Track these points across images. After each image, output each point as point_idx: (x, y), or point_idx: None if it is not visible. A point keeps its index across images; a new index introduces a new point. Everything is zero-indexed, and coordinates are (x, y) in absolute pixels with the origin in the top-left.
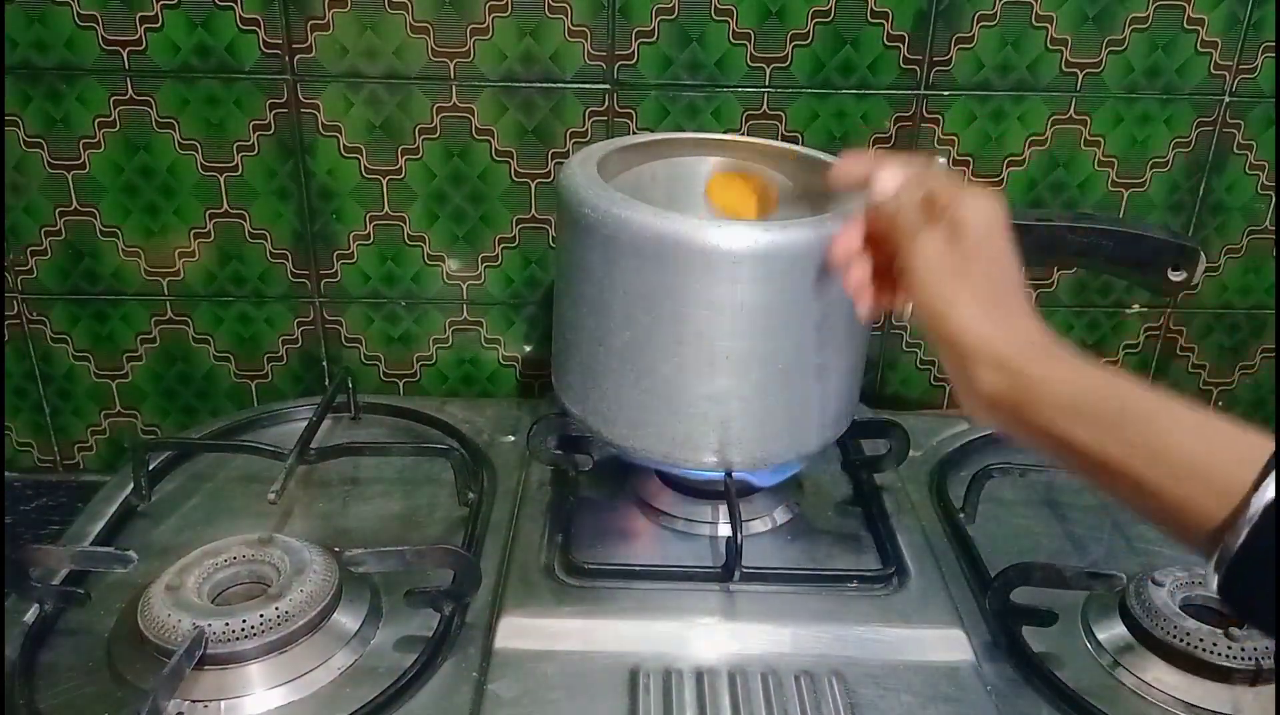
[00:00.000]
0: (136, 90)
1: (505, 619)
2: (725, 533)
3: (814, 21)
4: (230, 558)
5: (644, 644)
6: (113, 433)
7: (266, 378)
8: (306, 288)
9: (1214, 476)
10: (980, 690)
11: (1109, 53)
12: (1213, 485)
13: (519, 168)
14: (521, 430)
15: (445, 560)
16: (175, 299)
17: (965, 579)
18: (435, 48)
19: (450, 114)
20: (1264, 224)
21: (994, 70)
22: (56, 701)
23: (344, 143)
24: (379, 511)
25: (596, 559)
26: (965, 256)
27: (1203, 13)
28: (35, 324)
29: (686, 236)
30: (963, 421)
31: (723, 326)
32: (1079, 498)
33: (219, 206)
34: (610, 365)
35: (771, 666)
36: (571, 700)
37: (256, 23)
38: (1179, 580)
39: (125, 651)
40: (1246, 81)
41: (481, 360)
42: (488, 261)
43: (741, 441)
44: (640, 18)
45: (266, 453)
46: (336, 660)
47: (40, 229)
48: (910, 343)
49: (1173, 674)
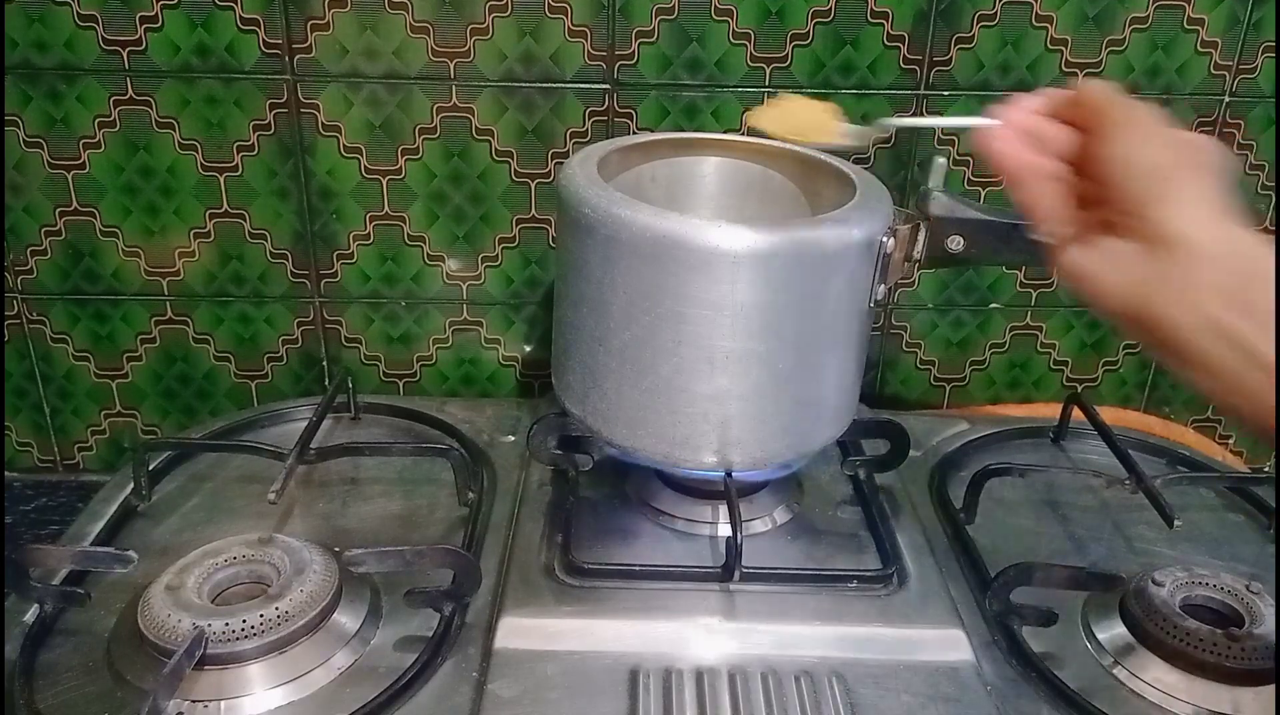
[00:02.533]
0: (136, 90)
1: (505, 619)
2: (725, 533)
3: (814, 21)
4: (230, 558)
5: (644, 644)
6: (113, 433)
7: (266, 378)
8: (306, 288)
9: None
10: (980, 690)
11: (1109, 53)
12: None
13: (519, 168)
14: (521, 430)
15: (445, 560)
16: (175, 299)
17: (965, 579)
18: (435, 48)
19: (450, 114)
20: (1264, 224)
21: (994, 70)
22: (56, 701)
23: (344, 143)
24: (379, 511)
25: (596, 559)
26: (1188, 139)
27: (1203, 13)
28: (35, 324)
29: (686, 236)
30: (963, 421)
31: (723, 326)
32: (1079, 498)
33: (219, 206)
34: (610, 365)
35: (771, 666)
36: (571, 700)
37: (256, 23)
38: (1179, 580)
39: (125, 651)
40: (1246, 81)
41: (481, 360)
42: (488, 261)
43: (741, 441)
44: (640, 18)
45: (266, 453)
46: (336, 660)
47: (40, 229)
48: (910, 343)
49: (1173, 674)
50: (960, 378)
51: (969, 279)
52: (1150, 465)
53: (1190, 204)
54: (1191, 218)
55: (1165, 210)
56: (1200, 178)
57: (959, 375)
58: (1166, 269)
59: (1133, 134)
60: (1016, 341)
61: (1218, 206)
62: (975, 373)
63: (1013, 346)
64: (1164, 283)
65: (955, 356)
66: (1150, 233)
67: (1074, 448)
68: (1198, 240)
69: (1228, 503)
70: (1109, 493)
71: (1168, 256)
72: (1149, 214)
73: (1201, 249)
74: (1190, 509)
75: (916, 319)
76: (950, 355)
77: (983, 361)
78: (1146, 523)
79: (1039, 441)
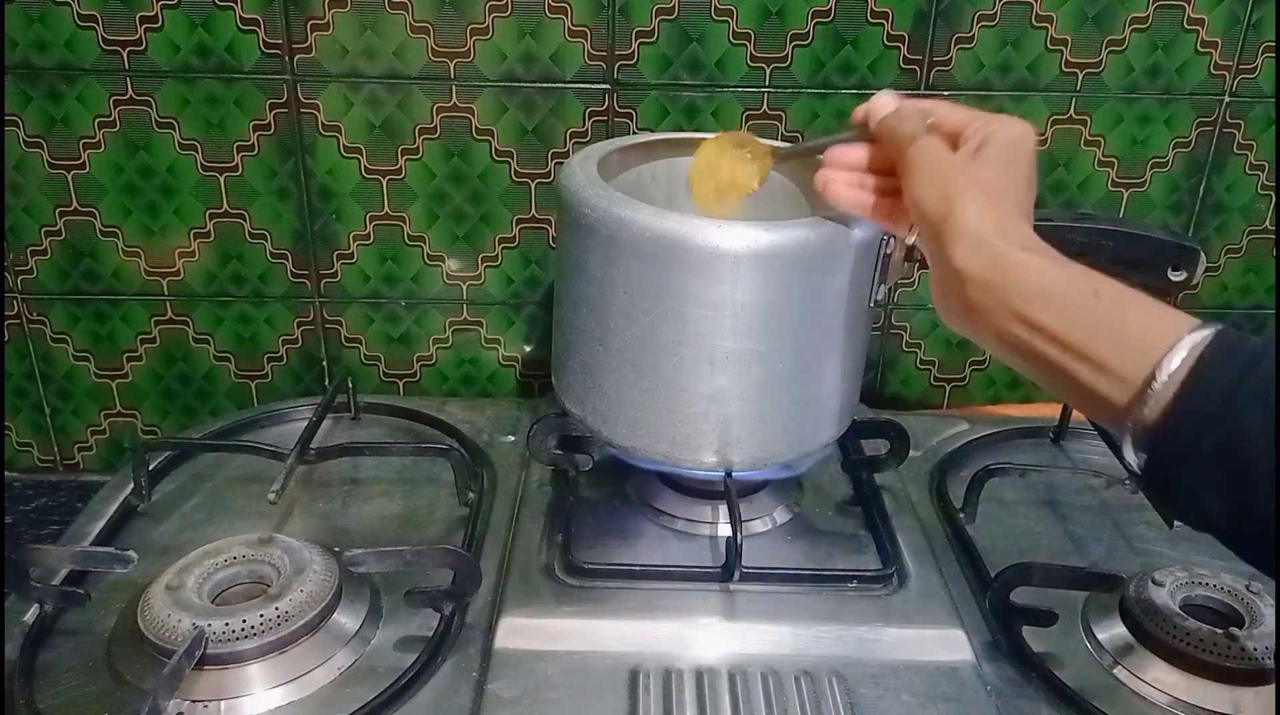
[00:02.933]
0: (136, 90)
1: (505, 619)
2: (725, 533)
3: (814, 21)
4: (230, 558)
5: (644, 644)
6: (113, 433)
7: (266, 378)
8: (306, 288)
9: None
10: (980, 690)
11: (1109, 53)
12: None
13: (519, 168)
14: (521, 430)
15: (445, 560)
16: (175, 299)
17: (965, 579)
18: (435, 48)
19: (450, 114)
20: (1264, 224)
21: (994, 70)
22: (56, 701)
23: (344, 143)
24: (379, 511)
25: (596, 559)
26: (981, 160)
27: (1203, 13)
28: (35, 324)
29: (686, 236)
30: (963, 421)
31: (723, 326)
32: (1079, 498)
33: (219, 206)
34: (610, 365)
35: (771, 666)
36: (571, 700)
37: (256, 23)
38: (1179, 580)
39: (125, 651)
40: (1246, 81)
41: (481, 360)
42: (488, 261)
43: (741, 441)
44: (640, 18)
45: (266, 453)
46: (336, 660)
47: (40, 229)
48: (910, 343)
49: (1173, 674)
50: (960, 378)
51: None
52: None
53: (965, 241)
54: (966, 253)
55: (946, 249)
56: (971, 211)
57: (959, 375)
58: (962, 298)
59: (913, 175)
60: None
61: (992, 229)
62: (975, 373)
63: None
64: (965, 311)
65: (955, 356)
66: (942, 266)
67: (1074, 448)
68: (977, 272)
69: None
70: (1109, 493)
71: (960, 287)
72: (936, 249)
73: (982, 278)
74: None
75: (916, 319)
76: (950, 355)
77: (983, 361)
78: (1146, 523)
79: (1039, 441)
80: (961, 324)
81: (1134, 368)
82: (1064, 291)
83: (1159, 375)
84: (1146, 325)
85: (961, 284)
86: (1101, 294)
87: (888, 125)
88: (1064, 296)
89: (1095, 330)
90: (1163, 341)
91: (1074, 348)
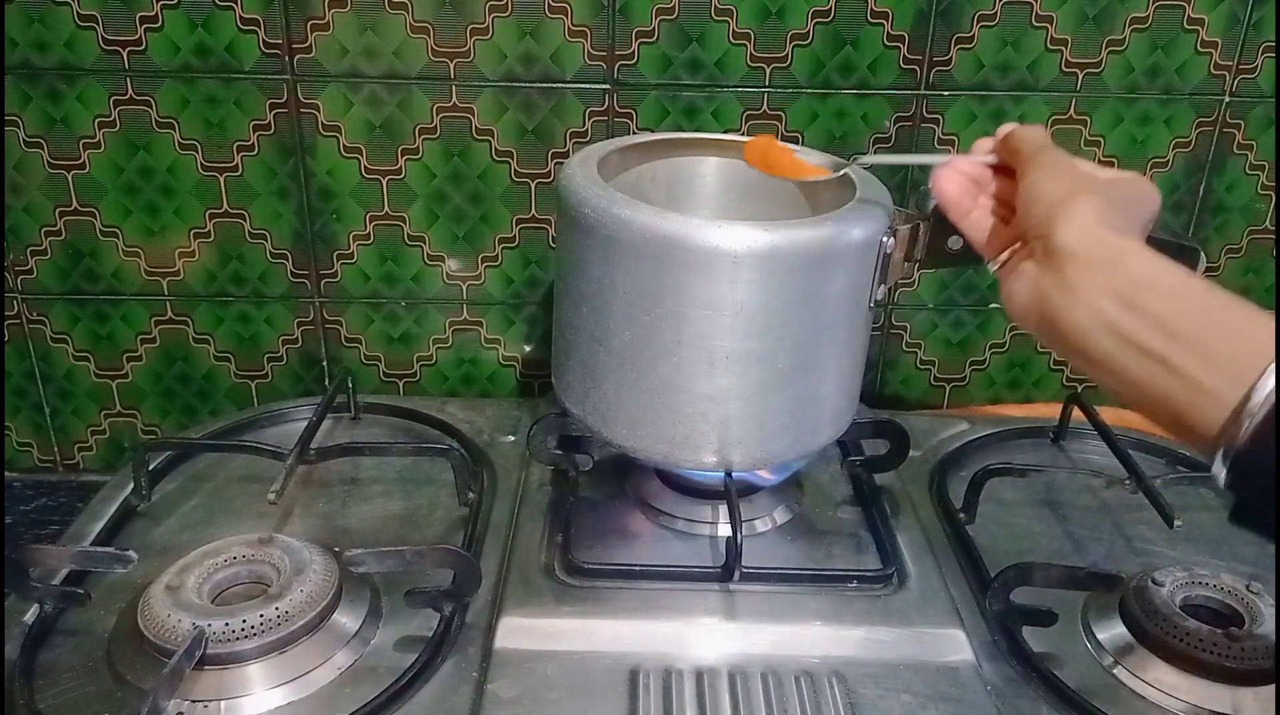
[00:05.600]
0: (136, 90)
1: (505, 619)
2: (725, 533)
3: (814, 21)
4: (230, 558)
5: (644, 644)
6: (113, 433)
7: (266, 378)
8: (306, 288)
9: None
10: (980, 690)
11: (1109, 53)
12: None
13: (519, 168)
14: (521, 430)
15: (445, 560)
16: (175, 299)
17: (965, 579)
18: (435, 48)
19: (450, 114)
20: (1264, 224)
21: (994, 70)
22: (56, 701)
23: (344, 143)
24: (379, 511)
25: (596, 559)
26: (1112, 182)
27: (1203, 13)
28: (35, 324)
29: (686, 236)
30: (963, 421)
31: (723, 326)
32: (1079, 498)
33: (219, 206)
34: (610, 365)
35: (771, 666)
36: (571, 700)
37: (256, 23)
38: (1179, 580)
39: (125, 651)
40: (1246, 81)
41: (481, 360)
42: (488, 261)
43: (741, 441)
44: (640, 18)
45: (266, 453)
46: (336, 660)
47: (40, 229)
48: (910, 343)
49: (1173, 674)
50: (960, 378)
51: (969, 279)
52: (1150, 465)
53: (1078, 222)
54: (1078, 233)
55: (1057, 229)
56: (1092, 202)
57: (959, 375)
58: (1061, 279)
59: (1039, 170)
60: (1016, 341)
61: (1107, 223)
62: (975, 373)
63: (1013, 346)
64: (1061, 291)
65: (955, 356)
66: (1047, 249)
67: (1074, 448)
68: (1084, 251)
69: (1228, 503)
70: (1109, 493)
71: (1062, 268)
72: (1045, 233)
73: (1089, 257)
74: (1190, 509)
75: (916, 319)
76: (950, 355)
77: (983, 361)
78: (1146, 523)
79: (1039, 441)
80: (1047, 308)
81: (1247, 362)
82: (1176, 281)
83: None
84: (1258, 327)
85: (1062, 263)
86: (1215, 289)
87: (1021, 133)
88: (1174, 284)
89: (1205, 319)
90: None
91: (1180, 336)
